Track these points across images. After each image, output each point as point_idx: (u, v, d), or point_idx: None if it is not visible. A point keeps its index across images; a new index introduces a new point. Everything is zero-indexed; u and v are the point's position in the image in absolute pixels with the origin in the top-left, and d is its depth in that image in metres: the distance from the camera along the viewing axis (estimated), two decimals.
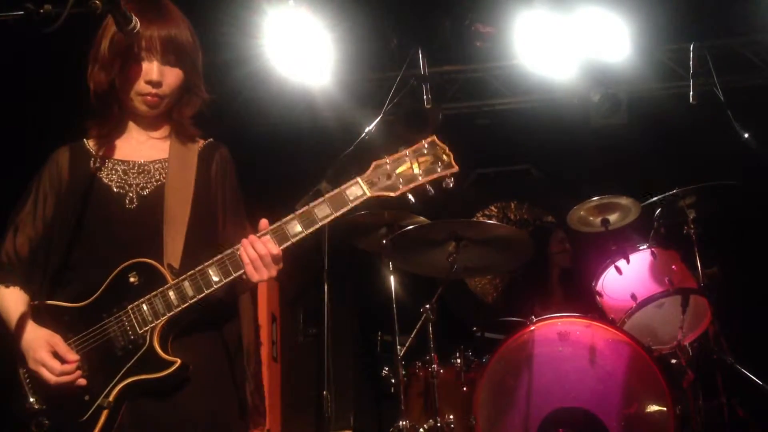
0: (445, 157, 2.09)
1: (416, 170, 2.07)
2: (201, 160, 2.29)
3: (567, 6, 5.15)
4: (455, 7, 5.41)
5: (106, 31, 2.17)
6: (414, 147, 2.10)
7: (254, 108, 5.92)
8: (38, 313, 2.12)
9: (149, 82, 2.15)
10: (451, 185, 2.10)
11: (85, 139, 2.29)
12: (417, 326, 4.03)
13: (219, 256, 2.04)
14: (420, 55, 4.80)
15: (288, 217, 2.04)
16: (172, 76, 2.20)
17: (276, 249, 2.02)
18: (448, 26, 5.51)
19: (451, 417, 3.83)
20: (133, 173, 2.22)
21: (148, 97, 2.18)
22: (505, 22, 5.27)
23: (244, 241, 2.02)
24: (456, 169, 2.09)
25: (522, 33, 5.23)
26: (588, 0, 5.16)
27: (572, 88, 5.73)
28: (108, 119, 2.24)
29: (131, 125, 2.29)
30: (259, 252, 2.01)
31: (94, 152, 2.24)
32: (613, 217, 4.49)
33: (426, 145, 2.10)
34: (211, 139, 2.39)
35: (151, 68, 2.14)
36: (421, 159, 2.08)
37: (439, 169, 2.08)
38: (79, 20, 1.78)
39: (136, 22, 2.05)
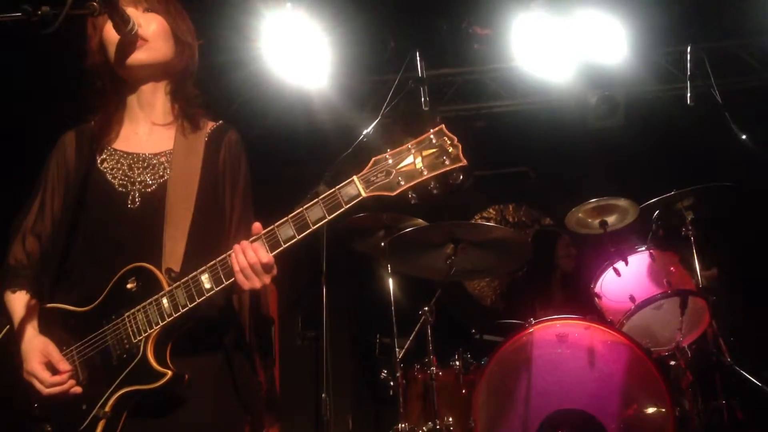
0: (451, 149, 1.87)
1: (419, 165, 1.87)
2: (208, 148, 2.19)
3: (564, 8, 5.16)
4: (452, 10, 5.42)
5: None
6: (418, 139, 1.90)
7: (251, 111, 5.92)
8: (46, 316, 2.08)
9: (128, 24, 2.03)
10: (460, 182, 1.88)
11: (90, 123, 2.22)
12: (415, 329, 4.03)
13: (212, 262, 1.93)
14: (417, 58, 4.81)
15: (281, 221, 1.91)
16: (152, 21, 2.13)
17: (266, 257, 1.89)
18: (446, 29, 5.51)
19: (450, 419, 3.82)
20: (138, 168, 2.13)
21: (133, 44, 2.08)
22: (503, 24, 5.28)
23: (236, 247, 1.91)
24: (464, 163, 1.87)
25: (519, 35, 5.23)
26: (585, 2, 5.18)
27: (569, 91, 5.74)
28: (106, 97, 2.19)
29: (136, 112, 2.21)
30: (249, 260, 1.88)
31: (98, 138, 2.17)
32: (611, 219, 4.49)
33: (432, 137, 1.90)
34: (221, 122, 2.28)
35: (129, 13, 2.06)
36: (426, 152, 1.88)
37: (444, 164, 1.87)
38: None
39: (133, 23, 2.05)
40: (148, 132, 2.21)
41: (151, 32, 2.13)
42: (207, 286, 1.93)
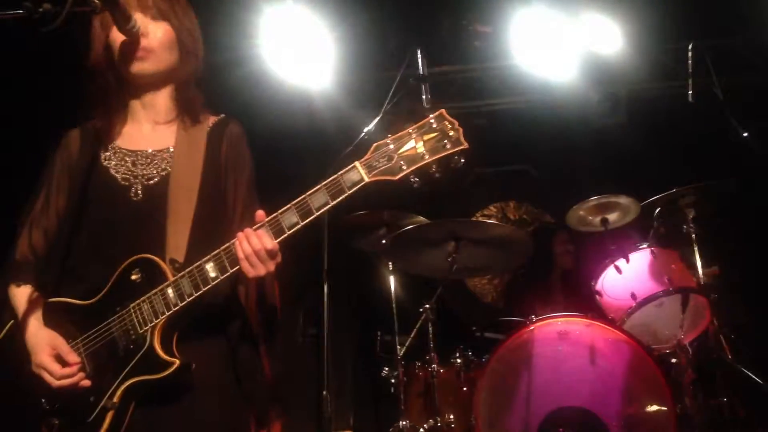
0: (452, 133, 1.92)
1: (420, 149, 1.91)
2: (210, 142, 2.21)
3: (565, 5, 5.15)
4: (454, 7, 5.41)
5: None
6: (419, 123, 1.94)
7: (252, 109, 5.90)
8: (50, 310, 2.09)
9: (133, 31, 2.05)
10: (461, 165, 1.92)
11: (93, 122, 2.24)
12: (417, 326, 4.03)
13: (216, 251, 1.95)
14: (419, 55, 4.81)
15: (285, 208, 1.93)
16: (158, 29, 2.15)
17: (270, 243, 1.91)
18: (447, 26, 5.51)
19: (451, 417, 3.83)
20: (141, 164, 2.15)
21: (137, 53, 2.11)
22: (504, 21, 5.26)
23: (240, 234, 1.93)
24: (466, 146, 1.91)
25: (520, 33, 5.22)
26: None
27: (571, 88, 5.72)
28: (109, 97, 2.20)
29: (138, 112, 2.23)
30: (253, 247, 1.90)
31: (102, 136, 2.20)
32: (612, 217, 4.49)
33: (432, 121, 1.94)
34: (223, 115, 2.30)
35: (136, 18, 2.08)
36: (427, 137, 1.92)
37: (446, 147, 1.91)
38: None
39: (135, 20, 2.05)
40: (150, 130, 2.23)
41: (157, 42, 2.15)
42: (212, 274, 1.94)
